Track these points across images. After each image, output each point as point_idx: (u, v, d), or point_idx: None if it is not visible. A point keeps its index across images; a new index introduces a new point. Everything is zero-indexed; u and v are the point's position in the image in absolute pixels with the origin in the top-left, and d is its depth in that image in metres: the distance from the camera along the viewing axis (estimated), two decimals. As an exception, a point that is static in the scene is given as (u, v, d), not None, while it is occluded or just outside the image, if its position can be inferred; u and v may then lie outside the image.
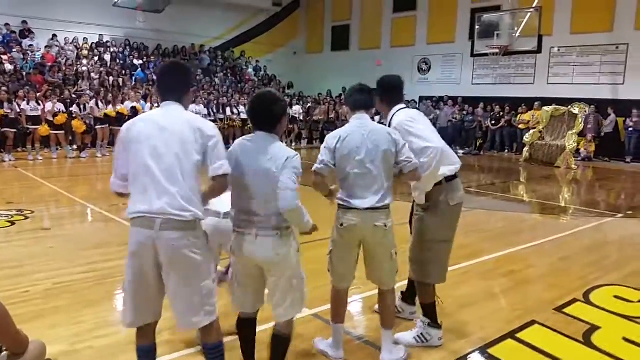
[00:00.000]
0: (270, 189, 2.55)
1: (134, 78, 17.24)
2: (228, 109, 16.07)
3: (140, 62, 18.61)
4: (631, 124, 14.47)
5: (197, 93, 16.29)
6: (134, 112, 13.64)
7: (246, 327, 2.85)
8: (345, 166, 3.00)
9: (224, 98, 16.63)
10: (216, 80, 19.84)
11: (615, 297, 4.34)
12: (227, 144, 2.48)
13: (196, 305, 2.40)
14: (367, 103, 3.19)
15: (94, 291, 4.20)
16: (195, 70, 19.84)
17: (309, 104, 19.58)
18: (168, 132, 2.40)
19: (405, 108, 3.47)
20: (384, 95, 3.57)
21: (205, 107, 15.42)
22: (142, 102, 14.07)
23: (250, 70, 22.73)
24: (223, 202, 2.80)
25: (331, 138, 3.07)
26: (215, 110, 15.74)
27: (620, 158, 14.67)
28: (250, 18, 23.80)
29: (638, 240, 6.43)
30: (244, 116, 16.36)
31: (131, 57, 18.81)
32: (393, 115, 3.42)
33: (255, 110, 2.72)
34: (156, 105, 14.09)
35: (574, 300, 4.21)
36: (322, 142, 3.31)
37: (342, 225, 3.08)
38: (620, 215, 7.84)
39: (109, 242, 5.57)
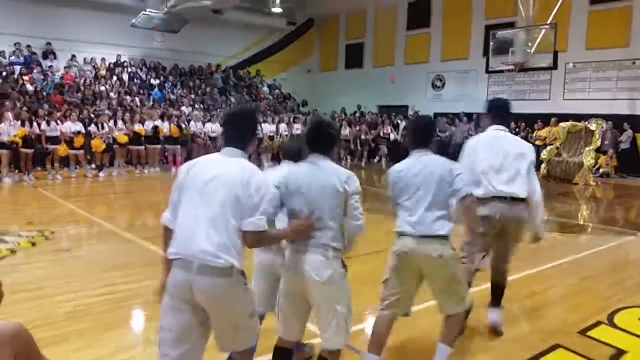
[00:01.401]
0: (336, 206, 2.70)
1: (151, 97, 17.47)
2: (243, 128, 16.19)
3: (158, 81, 18.88)
4: (650, 139, 14.34)
5: (213, 112, 16.47)
6: (156, 130, 13.85)
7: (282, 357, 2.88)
8: None
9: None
10: (231, 99, 20.03)
11: (641, 319, 4.27)
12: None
13: (230, 336, 2.51)
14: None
15: (114, 314, 4.20)
16: (211, 89, 20.08)
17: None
18: (221, 180, 2.46)
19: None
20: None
21: (221, 126, 15.57)
22: (159, 121, 14.20)
23: (265, 88, 22.93)
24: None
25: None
26: (231, 129, 15.86)
27: (638, 174, 14.48)
28: (264, 37, 24.09)
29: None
30: (258, 134, 16.46)
31: (148, 76, 19.09)
32: None
33: (314, 134, 2.87)
34: (175, 123, 14.32)
35: (598, 323, 4.13)
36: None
37: None
38: (642, 233, 7.72)
39: (128, 263, 5.61)
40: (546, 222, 7.75)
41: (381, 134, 18.17)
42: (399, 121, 18.73)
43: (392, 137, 18.39)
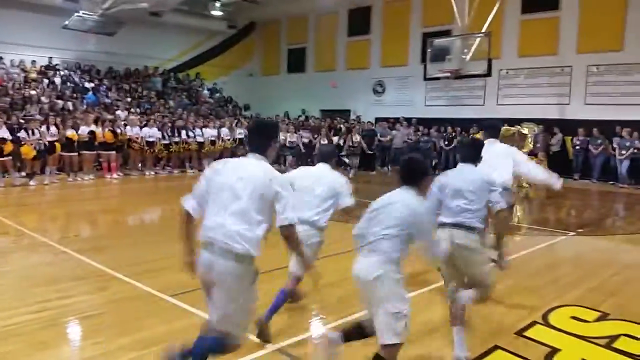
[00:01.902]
0: None
1: (85, 102, 16.78)
2: (184, 132, 15.79)
3: (92, 85, 18.18)
4: (578, 142, 15.09)
5: (150, 116, 16.00)
6: (93, 135, 13.30)
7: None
8: None
9: (180, 121, 16.36)
10: (170, 102, 19.57)
11: (573, 317, 4.45)
12: (182, 167, 2.47)
13: (221, 314, 2.92)
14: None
15: (48, 333, 3.98)
16: (149, 92, 19.55)
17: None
18: (246, 179, 2.89)
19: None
20: None
21: (159, 130, 15.12)
22: (93, 125, 13.64)
23: (205, 92, 22.56)
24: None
25: None
26: (170, 134, 15.42)
27: (568, 175, 15.23)
28: (204, 40, 23.73)
29: (590, 259, 6.64)
30: (200, 139, 16.14)
31: (82, 80, 18.36)
32: None
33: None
34: (109, 129, 13.81)
35: (534, 323, 4.29)
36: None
37: None
38: (572, 233, 8.10)
39: (61, 277, 5.33)
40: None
41: (351, 144, 17.00)
42: (341, 126, 18.87)
43: (334, 141, 18.46)
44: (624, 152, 14.05)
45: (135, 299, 4.69)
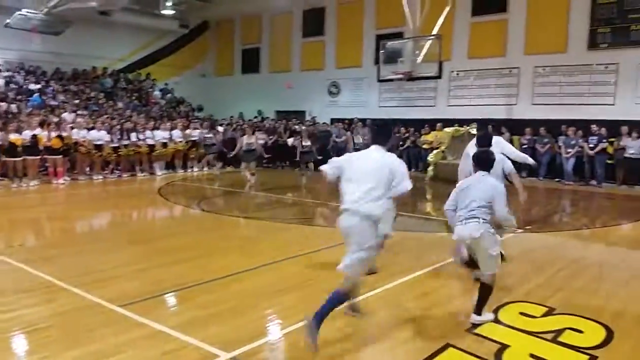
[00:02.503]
0: None
1: (30, 104, 16.12)
2: (133, 135, 15.38)
3: (38, 86, 17.50)
4: (525, 141, 15.58)
5: (98, 119, 15.53)
6: (35, 140, 12.79)
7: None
8: None
9: (129, 123, 15.93)
10: (120, 104, 19.06)
11: (521, 313, 4.58)
12: (132, 170, 2.40)
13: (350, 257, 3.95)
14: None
15: (-14, 349, 3.80)
16: (97, 94, 18.99)
17: (224, 128, 19.33)
18: (374, 165, 3.97)
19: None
20: None
21: (107, 133, 14.68)
22: (38, 129, 13.12)
23: (156, 92, 22.09)
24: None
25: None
26: (119, 136, 14.99)
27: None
28: (155, 40, 23.26)
29: (537, 255, 6.86)
30: (150, 141, 15.78)
31: (27, 81, 17.65)
32: None
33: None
34: (57, 134, 13.33)
35: (484, 320, 4.39)
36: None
37: None
38: (520, 230, 8.34)
39: (5, 290, 5.08)
40: (434, 223, 8.18)
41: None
42: (296, 127, 18.85)
43: (289, 143, 18.43)
44: (569, 150, 14.60)
45: (84, 310, 4.54)
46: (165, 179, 15.13)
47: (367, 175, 3.93)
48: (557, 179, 14.94)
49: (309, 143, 14.15)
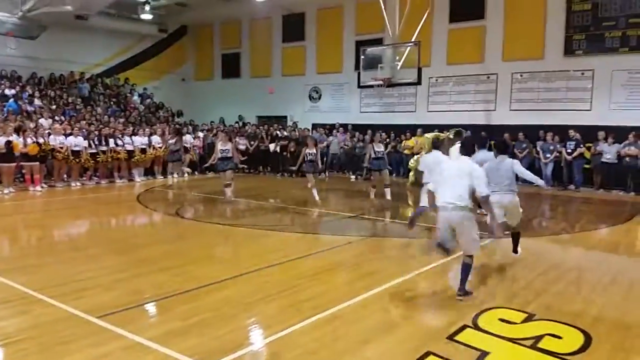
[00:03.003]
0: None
1: (5, 109, 15.80)
2: (112, 140, 15.17)
3: (13, 91, 17.18)
4: (503, 146, 15.74)
5: (76, 124, 15.27)
6: (9, 146, 12.53)
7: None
8: None
9: (107, 128, 15.71)
10: (98, 109, 18.81)
11: (500, 319, 4.61)
12: (111, 177, 2.36)
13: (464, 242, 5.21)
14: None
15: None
16: (75, 99, 18.72)
17: (204, 133, 19.21)
18: (460, 170, 5.19)
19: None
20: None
21: (85, 139, 14.44)
22: (14, 135, 12.87)
23: (135, 97, 21.86)
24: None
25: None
26: (97, 142, 14.75)
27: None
28: (134, 44, 23.04)
29: (517, 260, 6.91)
30: (129, 147, 15.58)
31: (2, 86, 17.32)
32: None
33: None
34: (34, 141, 13.08)
35: (464, 327, 4.40)
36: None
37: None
38: (499, 235, 8.40)
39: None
40: (415, 228, 8.20)
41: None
42: (277, 132, 18.82)
43: (271, 148, 18.39)
44: (548, 155, 14.81)
45: (60, 322, 4.44)
46: (145, 185, 14.96)
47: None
48: (535, 184, 15.07)
49: (314, 151, 11.93)
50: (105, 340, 4.06)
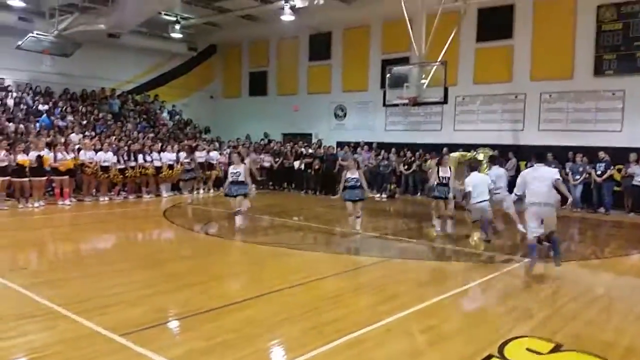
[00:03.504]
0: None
1: (38, 125, 16.26)
2: (140, 156, 15.41)
3: (46, 107, 17.67)
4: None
5: (105, 140, 15.59)
6: (40, 161, 12.84)
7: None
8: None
9: (136, 144, 15.98)
10: (128, 125, 19.19)
11: (528, 349, 4.47)
12: (138, 192, 2.37)
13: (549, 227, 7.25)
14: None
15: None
16: (105, 115, 19.15)
17: (230, 150, 19.38)
18: (543, 176, 7.16)
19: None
20: None
21: (114, 154, 14.70)
22: (45, 150, 13.18)
23: (164, 114, 22.26)
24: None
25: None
26: (125, 158, 15.01)
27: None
28: (164, 62, 23.56)
29: (545, 286, 6.75)
30: (157, 163, 15.80)
31: (36, 102, 17.83)
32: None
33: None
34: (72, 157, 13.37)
35: (490, 357, 4.28)
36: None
37: None
38: (527, 259, 8.22)
39: (5, 315, 5.02)
40: (438, 251, 8.09)
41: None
42: (302, 150, 18.90)
43: (296, 165, 18.48)
44: (577, 177, 14.52)
45: (83, 339, 4.47)
46: (171, 200, 15.14)
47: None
48: (564, 207, 14.78)
49: (356, 175, 10.03)
50: (126, 358, 4.08)
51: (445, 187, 10.22)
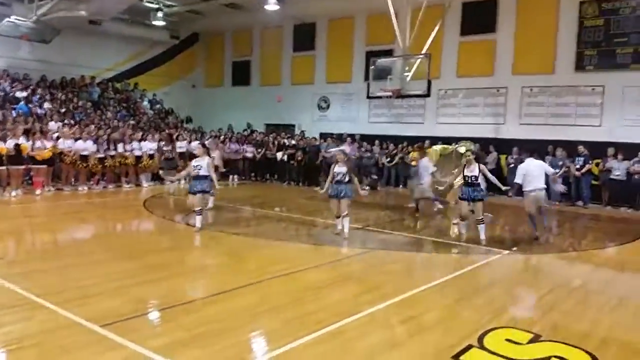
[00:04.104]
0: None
1: (15, 112, 15.91)
2: (120, 145, 15.19)
3: (24, 94, 17.30)
4: (512, 160, 15.66)
5: (85, 128, 15.33)
6: (18, 149, 12.59)
7: None
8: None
9: (116, 134, 15.74)
10: (107, 113, 18.90)
11: (507, 340, 4.53)
12: (118, 182, 2.34)
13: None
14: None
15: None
16: (85, 103, 18.84)
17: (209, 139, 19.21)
18: (537, 166, 9.23)
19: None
20: None
21: (94, 143, 14.46)
22: (23, 138, 12.92)
23: (145, 103, 21.97)
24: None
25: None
26: (105, 147, 14.79)
27: (502, 192, 15.72)
28: (145, 50, 23.23)
29: (523, 278, 6.86)
30: (137, 153, 15.60)
31: (13, 88, 17.45)
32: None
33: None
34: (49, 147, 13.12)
35: (470, 347, 4.33)
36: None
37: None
38: (506, 251, 8.34)
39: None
40: (420, 243, 8.14)
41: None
42: (285, 141, 18.83)
43: (278, 157, 18.41)
44: (557, 170, 14.68)
45: (62, 329, 4.42)
46: (151, 190, 14.99)
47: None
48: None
49: (344, 169, 8.96)
50: (106, 349, 4.05)
51: (471, 187, 8.98)
